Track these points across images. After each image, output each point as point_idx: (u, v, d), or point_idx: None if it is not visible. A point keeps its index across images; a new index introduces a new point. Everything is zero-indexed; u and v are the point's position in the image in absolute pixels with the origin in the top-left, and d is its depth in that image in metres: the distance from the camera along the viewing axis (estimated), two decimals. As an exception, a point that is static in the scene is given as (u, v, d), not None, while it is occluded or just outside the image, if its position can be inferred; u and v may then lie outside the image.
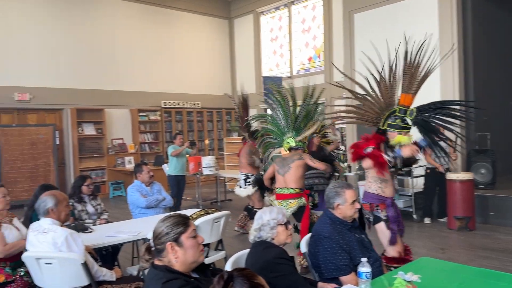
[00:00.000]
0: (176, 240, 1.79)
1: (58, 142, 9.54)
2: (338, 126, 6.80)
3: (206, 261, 2.28)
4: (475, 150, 6.93)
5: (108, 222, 4.41)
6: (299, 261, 4.10)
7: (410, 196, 6.71)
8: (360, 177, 7.00)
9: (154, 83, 11.33)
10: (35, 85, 9.37)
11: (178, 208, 7.49)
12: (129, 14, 10.97)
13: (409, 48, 3.36)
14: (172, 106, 11.63)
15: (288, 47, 11.78)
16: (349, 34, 8.66)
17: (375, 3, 8.11)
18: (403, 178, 6.80)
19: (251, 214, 6.18)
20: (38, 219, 3.05)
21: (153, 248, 1.85)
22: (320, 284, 2.47)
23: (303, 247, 2.71)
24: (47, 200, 2.89)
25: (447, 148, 6.52)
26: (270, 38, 12.31)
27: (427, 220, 6.53)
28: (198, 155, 8.87)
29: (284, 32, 11.91)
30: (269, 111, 5.20)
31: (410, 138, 3.33)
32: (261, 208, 6.03)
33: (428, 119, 3.35)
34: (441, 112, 3.37)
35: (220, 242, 3.98)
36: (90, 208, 4.45)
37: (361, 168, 6.24)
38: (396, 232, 3.29)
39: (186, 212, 4.00)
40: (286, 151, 4.63)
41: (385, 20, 7.92)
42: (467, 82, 7.24)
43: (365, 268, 2.15)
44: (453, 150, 6.63)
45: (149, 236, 3.20)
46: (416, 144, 3.34)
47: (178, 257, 1.77)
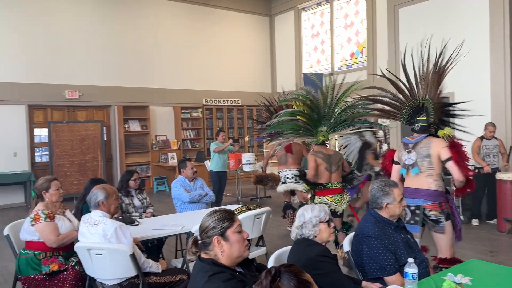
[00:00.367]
0: (222, 234, 1.83)
1: (105, 138, 9.95)
2: (382, 123, 6.63)
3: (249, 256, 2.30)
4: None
5: (154, 216, 4.56)
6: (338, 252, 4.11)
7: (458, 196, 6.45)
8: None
9: (196, 81, 11.54)
10: (84, 83, 9.80)
11: (219, 203, 7.61)
12: (173, 13, 11.23)
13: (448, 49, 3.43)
14: (213, 104, 11.81)
15: (329, 43, 11.62)
16: (393, 29, 8.43)
17: (422, -3, 7.86)
18: (450, 177, 6.53)
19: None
20: (88, 211, 3.20)
21: (199, 242, 1.90)
22: (364, 283, 2.43)
23: (346, 246, 2.68)
24: (98, 193, 3.03)
25: (497, 148, 6.23)
26: (311, 34, 12.20)
27: (475, 222, 6.27)
28: (239, 152, 8.96)
29: (325, 28, 11.77)
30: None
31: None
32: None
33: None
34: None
35: (261, 238, 4.01)
36: (136, 202, 4.61)
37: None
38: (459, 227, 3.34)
39: (206, 213, 4.05)
40: (318, 144, 4.54)
41: (432, 15, 7.63)
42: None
43: (412, 268, 2.10)
44: (503, 149, 6.32)
45: (193, 230, 3.29)
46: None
47: (224, 251, 1.81)
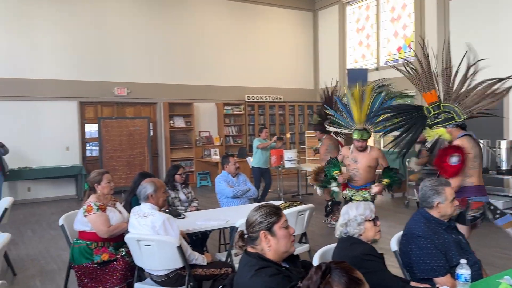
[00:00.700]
0: (269, 229, 1.84)
1: (152, 134, 10.27)
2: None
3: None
4: None
5: (198, 210, 4.65)
6: None
7: (511, 196, 6.12)
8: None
9: (239, 78, 11.64)
10: (132, 80, 10.15)
11: (263, 199, 7.68)
12: (216, 11, 11.37)
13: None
14: (255, 100, 11.86)
15: (375, 37, 11.33)
16: (443, 22, 8.09)
17: (475, -12, 7.49)
18: (503, 178, 6.22)
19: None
20: (137, 204, 3.32)
21: (245, 236, 1.92)
22: (412, 283, 2.36)
23: (394, 245, 2.62)
24: (147, 187, 3.13)
25: None
26: (356, 28, 11.95)
27: None
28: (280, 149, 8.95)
29: (371, 21, 11.48)
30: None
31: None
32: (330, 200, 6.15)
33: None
34: None
35: (304, 235, 3.99)
36: (182, 196, 4.72)
37: None
38: None
39: (252, 208, 4.08)
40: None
41: (485, 8, 7.25)
42: None
43: (464, 270, 2.02)
44: None
45: (237, 225, 3.33)
46: None
47: (271, 246, 1.82)
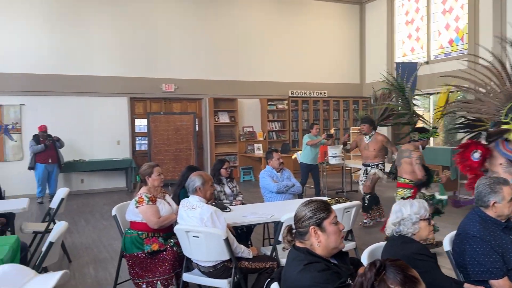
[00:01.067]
0: (319, 225, 1.83)
1: (197, 129, 10.48)
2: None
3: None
4: None
5: (243, 204, 4.70)
6: None
7: None
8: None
9: (282, 73, 11.61)
10: (179, 77, 10.40)
11: (318, 194, 7.71)
12: (262, 7, 11.38)
13: None
14: (299, 95, 11.78)
15: (425, 30, 10.91)
16: (499, 14, 7.65)
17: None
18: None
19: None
20: (185, 197, 3.41)
21: (294, 230, 1.92)
22: (466, 285, 2.27)
23: (447, 245, 2.52)
24: (195, 180, 3.21)
25: None
26: (405, 21, 11.55)
27: None
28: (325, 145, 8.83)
29: (421, 14, 11.06)
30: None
31: None
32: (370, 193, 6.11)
33: None
34: None
35: (350, 232, 3.94)
36: (227, 190, 4.79)
37: None
38: None
39: (301, 203, 4.06)
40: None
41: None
42: None
43: (524, 274, 1.91)
44: None
45: (282, 220, 3.34)
46: None
47: (321, 241, 1.81)
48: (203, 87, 10.69)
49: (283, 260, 3.28)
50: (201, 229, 3.00)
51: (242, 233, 4.25)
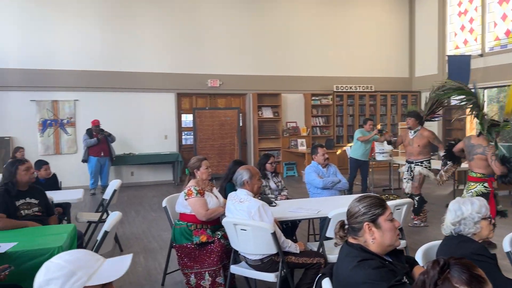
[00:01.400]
0: (374, 221, 1.78)
1: (241, 124, 10.57)
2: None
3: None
4: None
5: (288, 199, 4.69)
6: None
7: None
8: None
9: (327, 67, 11.43)
10: (224, 72, 10.52)
11: (365, 191, 7.54)
12: (305, 0, 11.25)
13: None
14: (344, 90, 11.56)
15: (480, 21, 10.34)
16: None
17: None
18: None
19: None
20: (231, 190, 3.45)
21: (346, 226, 1.89)
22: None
23: (507, 245, 2.39)
24: (243, 173, 3.23)
25: None
26: (457, 12, 11.01)
27: None
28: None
29: (475, 4, 10.49)
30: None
31: None
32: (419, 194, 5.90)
33: None
34: None
35: (400, 230, 3.81)
36: (272, 184, 4.80)
37: None
38: None
39: (354, 198, 3.98)
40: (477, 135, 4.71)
41: None
42: None
43: None
44: None
45: (330, 216, 3.29)
46: None
47: (376, 238, 1.77)
48: (247, 82, 10.74)
49: (330, 257, 3.24)
50: (249, 222, 3.02)
51: (287, 228, 4.25)
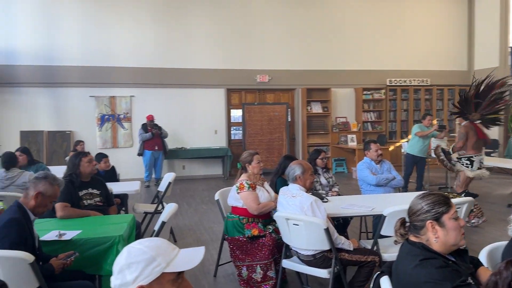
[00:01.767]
0: (438, 219, 1.72)
1: (290, 119, 10.53)
2: None
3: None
4: None
5: (339, 195, 4.62)
6: None
7: None
8: None
9: (379, 61, 11.10)
10: (273, 67, 10.51)
11: (420, 189, 7.27)
12: (357, -7, 10.99)
13: None
14: (397, 84, 11.18)
15: (549, 8, 9.61)
16: None
17: None
18: None
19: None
20: (282, 185, 3.45)
21: (408, 224, 1.83)
22: None
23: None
24: (295, 168, 3.22)
25: None
26: (523, 0, 10.30)
27: None
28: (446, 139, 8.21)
29: (544, -10, 9.76)
30: None
31: None
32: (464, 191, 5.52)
33: None
34: None
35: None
36: (323, 180, 4.74)
37: None
38: None
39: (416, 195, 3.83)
40: None
41: None
42: None
43: None
44: None
45: (384, 213, 3.20)
46: None
47: (439, 237, 1.70)
48: (296, 77, 10.67)
49: (384, 255, 3.16)
50: (301, 217, 3.01)
51: (339, 224, 4.19)
